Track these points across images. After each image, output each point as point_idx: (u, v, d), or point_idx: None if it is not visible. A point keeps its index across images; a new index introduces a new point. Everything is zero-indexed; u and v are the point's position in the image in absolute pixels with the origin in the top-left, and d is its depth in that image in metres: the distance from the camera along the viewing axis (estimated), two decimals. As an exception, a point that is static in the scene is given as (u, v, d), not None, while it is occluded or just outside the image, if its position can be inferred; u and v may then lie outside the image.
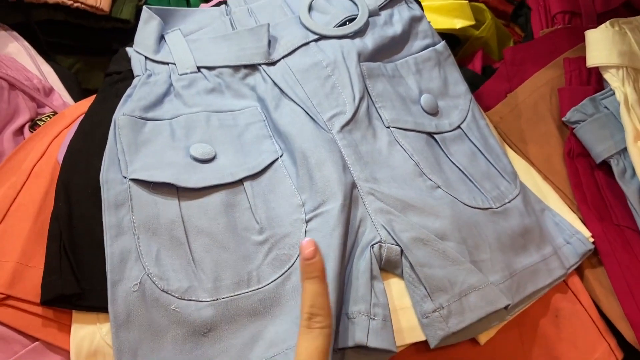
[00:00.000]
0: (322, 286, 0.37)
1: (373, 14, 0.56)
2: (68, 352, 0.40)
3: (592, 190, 0.55)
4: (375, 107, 0.51)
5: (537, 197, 0.54)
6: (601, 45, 0.58)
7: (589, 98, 0.58)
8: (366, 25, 0.55)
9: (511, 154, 0.59)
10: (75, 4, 0.68)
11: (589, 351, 0.47)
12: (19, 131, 0.52)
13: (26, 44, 0.64)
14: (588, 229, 0.52)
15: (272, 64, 0.52)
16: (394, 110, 0.52)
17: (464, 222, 0.46)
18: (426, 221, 0.45)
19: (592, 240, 0.52)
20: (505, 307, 0.44)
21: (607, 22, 0.59)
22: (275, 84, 0.51)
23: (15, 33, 0.65)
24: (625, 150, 0.54)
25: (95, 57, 0.73)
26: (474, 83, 0.73)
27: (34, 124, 0.53)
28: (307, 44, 0.53)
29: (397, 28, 0.57)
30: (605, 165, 0.56)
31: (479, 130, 0.55)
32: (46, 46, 0.69)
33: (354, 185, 0.46)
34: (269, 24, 0.53)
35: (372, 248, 0.43)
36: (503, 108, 0.64)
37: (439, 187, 0.48)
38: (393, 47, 0.56)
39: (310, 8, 0.56)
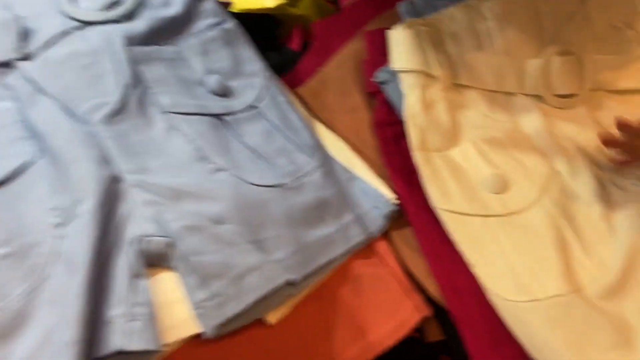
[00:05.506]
0: None
1: (146, -6, 0.53)
2: None
3: (398, 157, 0.56)
4: (151, 93, 0.48)
5: (343, 167, 0.54)
6: (401, 48, 0.57)
7: None
8: (136, 7, 0.52)
9: (321, 129, 0.58)
10: None
11: (392, 312, 0.47)
12: None
13: None
14: (396, 191, 0.52)
15: (28, 58, 0.47)
16: (172, 95, 0.49)
17: (246, 203, 0.44)
18: (202, 207, 0.42)
19: (396, 202, 0.52)
20: (292, 284, 0.42)
21: (406, 24, 0.58)
22: (30, 80, 0.46)
23: None
24: None
25: None
26: (295, 61, 0.72)
27: None
28: (67, 33, 0.49)
29: (177, 8, 0.54)
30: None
31: (277, 107, 0.54)
32: None
33: (116, 180, 0.42)
34: (16, 16, 0.47)
35: (135, 244, 0.39)
36: (313, 84, 0.63)
37: (222, 169, 0.46)
38: (173, 29, 0.53)
39: (72, -7, 0.51)
